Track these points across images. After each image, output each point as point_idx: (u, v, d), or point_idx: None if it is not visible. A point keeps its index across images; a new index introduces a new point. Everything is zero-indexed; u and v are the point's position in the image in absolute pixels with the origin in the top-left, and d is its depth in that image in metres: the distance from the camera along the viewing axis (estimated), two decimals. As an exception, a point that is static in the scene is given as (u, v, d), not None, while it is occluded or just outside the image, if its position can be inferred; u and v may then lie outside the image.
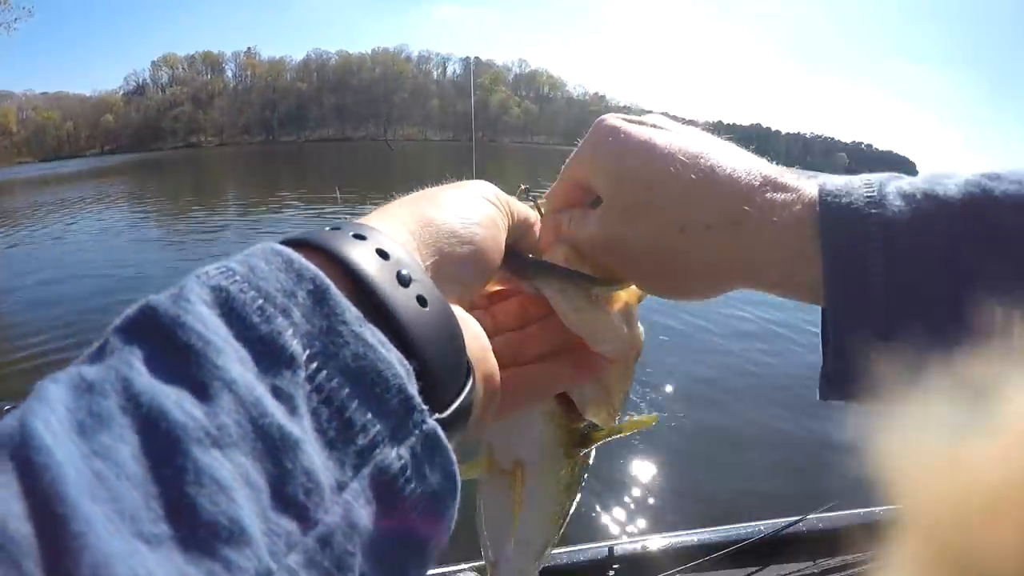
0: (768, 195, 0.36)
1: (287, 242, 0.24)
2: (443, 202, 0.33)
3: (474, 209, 0.34)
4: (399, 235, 0.29)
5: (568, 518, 0.55)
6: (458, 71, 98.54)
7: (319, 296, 0.22)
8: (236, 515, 0.16)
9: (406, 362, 0.23)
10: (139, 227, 12.85)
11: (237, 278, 0.21)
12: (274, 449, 0.18)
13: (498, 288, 0.43)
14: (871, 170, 0.38)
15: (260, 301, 0.20)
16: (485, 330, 0.34)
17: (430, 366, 0.24)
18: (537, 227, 0.43)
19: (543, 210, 0.46)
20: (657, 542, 1.50)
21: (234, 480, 0.17)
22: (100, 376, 0.18)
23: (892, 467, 0.24)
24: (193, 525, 0.16)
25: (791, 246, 0.35)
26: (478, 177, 0.40)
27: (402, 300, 0.24)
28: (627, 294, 0.43)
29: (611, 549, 1.45)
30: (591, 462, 0.55)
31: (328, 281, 0.22)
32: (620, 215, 0.39)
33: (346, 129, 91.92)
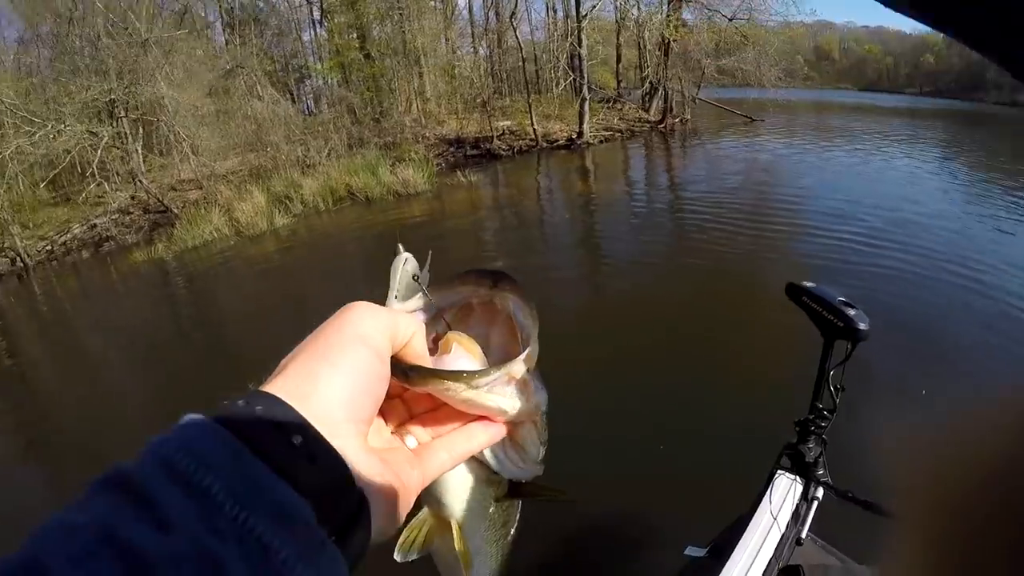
0: None
1: (215, 418, 0.32)
2: (325, 357, 0.39)
3: (351, 359, 0.40)
4: (295, 398, 0.36)
5: (509, 545, 0.65)
6: None
7: (237, 459, 0.30)
8: None
9: (305, 503, 0.31)
10: (943, 175, 12.55)
11: (180, 446, 0.30)
12: (213, 567, 0.26)
13: None
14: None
15: (195, 464, 0.29)
16: (399, 417, 0.49)
17: (324, 506, 0.32)
18: (421, 331, 0.47)
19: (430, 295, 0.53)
20: None
21: None
22: (85, 521, 0.26)
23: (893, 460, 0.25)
24: None
25: None
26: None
27: (292, 459, 0.32)
28: (514, 370, 0.47)
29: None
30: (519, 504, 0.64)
31: (243, 447, 0.31)
32: None
33: None
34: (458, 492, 0.57)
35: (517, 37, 18.67)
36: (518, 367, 0.48)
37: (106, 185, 14.68)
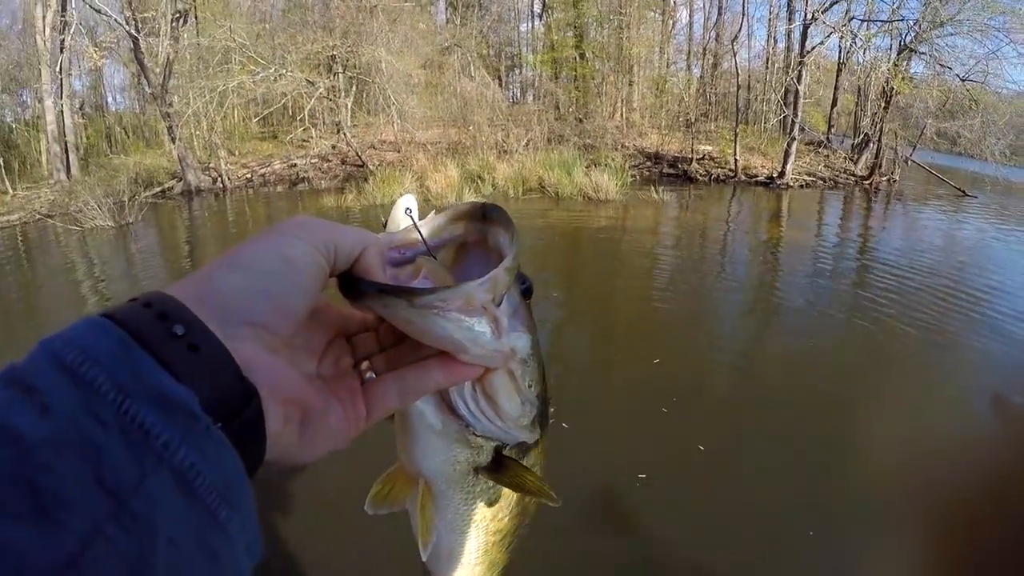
0: None
1: (102, 314, 0.33)
2: (231, 262, 0.39)
3: (258, 264, 0.39)
4: (189, 297, 0.36)
5: (506, 537, 0.56)
6: None
7: (123, 349, 0.31)
8: (69, 494, 0.25)
9: (187, 390, 0.31)
10: None
11: (67, 342, 0.30)
12: (93, 450, 0.26)
13: None
14: None
15: (82, 357, 0.29)
16: (368, 348, 0.47)
17: (206, 395, 0.32)
18: (376, 249, 0.44)
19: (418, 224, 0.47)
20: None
21: (68, 471, 0.25)
22: None
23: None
24: (40, 498, 0.24)
25: None
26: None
27: (172, 348, 0.32)
28: (468, 293, 0.40)
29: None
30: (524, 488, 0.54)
31: (129, 339, 0.31)
32: None
33: None
34: (428, 445, 0.51)
35: (736, 63, 17.50)
36: (474, 291, 0.41)
37: (312, 131, 15.40)
